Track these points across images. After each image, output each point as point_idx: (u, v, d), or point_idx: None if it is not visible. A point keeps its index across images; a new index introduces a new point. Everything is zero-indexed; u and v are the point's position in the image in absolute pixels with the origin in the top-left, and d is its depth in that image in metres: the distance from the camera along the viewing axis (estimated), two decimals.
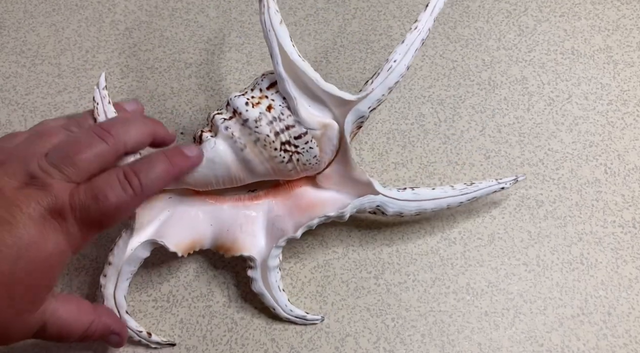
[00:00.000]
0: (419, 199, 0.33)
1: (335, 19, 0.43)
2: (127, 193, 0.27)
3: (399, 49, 0.31)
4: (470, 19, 0.43)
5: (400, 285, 0.35)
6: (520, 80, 0.41)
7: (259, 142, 0.30)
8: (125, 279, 0.31)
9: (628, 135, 0.39)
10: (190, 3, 0.44)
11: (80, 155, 0.26)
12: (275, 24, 0.30)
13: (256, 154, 0.31)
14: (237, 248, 0.32)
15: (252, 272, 0.33)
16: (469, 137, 0.39)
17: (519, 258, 0.36)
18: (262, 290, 0.33)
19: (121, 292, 0.31)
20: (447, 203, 0.33)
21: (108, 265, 0.31)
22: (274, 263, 0.32)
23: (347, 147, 0.32)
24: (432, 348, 0.33)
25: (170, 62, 0.42)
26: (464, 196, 0.33)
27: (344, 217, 0.32)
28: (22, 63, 0.41)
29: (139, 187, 0.27)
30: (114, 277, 0.31)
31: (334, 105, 0.32)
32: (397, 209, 0.33)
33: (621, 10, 0.43)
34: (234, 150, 0.31)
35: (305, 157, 0.31)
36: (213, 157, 0.31)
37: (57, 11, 0.43)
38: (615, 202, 0.37)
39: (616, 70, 0.41)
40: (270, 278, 0.32)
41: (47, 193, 0.25)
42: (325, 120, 0.31)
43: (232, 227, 0.33)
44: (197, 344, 0.33)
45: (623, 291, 0.35)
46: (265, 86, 0.32)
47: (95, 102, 0.30)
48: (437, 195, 0.33)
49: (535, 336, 0.34)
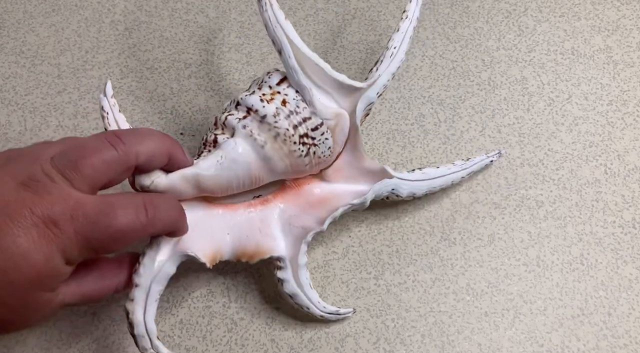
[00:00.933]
0: (428, 178, 0.34)
1: (335, 19, 0.43)
2: (140, 220, 0.25)
3: (396, 36, 0.33)
4: (470, 19, 0.43)
5: (400, 285, 0.35)
6: (520, 80, 0.41)
7: (279, 137, 0.30)
8: (154, 301, 0.29)
9: (628, 136, 0.39)
10: (190, 3, 0.44)
11: (86, 160, 0.24)
12: (281, 20, 0.31)
13: (276, 149, 0.30)
14: (263, 251, 0.31)
15: (283, 273, 0.31)
16: (469, 138, 0.39)
17: (519, 258, 0.36)
18: (296, 290, 0.31)
19: (151, 317, 0.28)
20: (451, 179, 0.35)
21: (135, 287, 0.28)
22: (303, 260, 0.31)
23: (358, 136, 0.32)
24: (432, 349, 0.33)
25: (170, 62, 0.42)
26: (464, 171, 0.36)
27: (366, 203, 0.32)
28: (21, 63, 0.41)
29: (153, 218, 0.25)
30: (143, 300, 0.28)
31: (342, 95, 0.32)
32: (410, 190, 0.34)
33: (621, 10, 0.43)
34: (254, 148, 0.30)
35: (321, 149, 0.31)
36: (235, 158, 0.30)
37: (56, 11, 0.43)
38: (615, 203, 0.37)
39: (616, 71, 0.41)
40: (301, 277, 0.31)
41: (43, 200, 0.23)
42: (338, 110, 0.32)
43: (252, 232, 0.31)
44: (197, 345, 0.33)
45: (623, 291, 0.35)
46: (275, 82, 0.32)
47: (105, 112, 0.29)
48: (442, 173, 0.35)
49: (535, 336, 0.34)
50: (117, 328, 0.34)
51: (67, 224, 0.23)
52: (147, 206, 0.25)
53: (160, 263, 0.29)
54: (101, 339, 0.34)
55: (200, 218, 0.31)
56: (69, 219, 0.23)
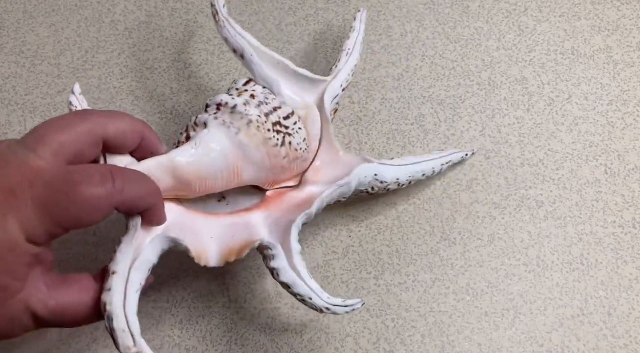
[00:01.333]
0: (408, 164, 0.35)
1: (335, 19, 0.43)
2: (106, 187, 0.23)
3: (348, 42, 0.36)
4: (470, 19, 0.43)
5: (401, 285, 0.35)
6: (520, 80, 0.41)
7: (252, 124, 0.30)
8: (135, 291, 0.25)
9: (628, 136, 0.39)
10: (190, 3, 0.44)
11: (51, 130, 0.23)
12: (239, 31, 0.33)
13: (251, 136, 0.30)
14: (251, 241, 0.29)
15: (275, 262, 0.29)
16: (469, 138, 0.39)
17: (519, 258, 0.36)
18: (293, 278, 0.29)
19: (132, 309, 0.25)
20: (432, 166, 0.36)
21: (112, 275, 0.25)
22: (296, 247, 0.29)
23: (331, 130, 0.33)
24: (432, 349, 0.33)
25: (170, 62, 0.42)
26: (443, 159, 0.36)
27: (351, 185, 0.32)
28: (21, 63, 0.41)
29: (121, 188, 0.24)
30: (121, 289, 0.25)
31: (308, 90, 0.34)
32: (394, 174, 0.34)
33: (621, 10, 0.43)
34: (229, 136, 0.30)
35: (296, 139, 0.31)
36: (210, 144, 0.29)
37: (56, 11, 0.43)
38: (616, 203, 0.37)
39: (616, 71, 0.41)
40: (297, 264, 0.29)
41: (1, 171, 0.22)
42: (306, 102, 0.33)
43: (237, 233, 0.30)
44: (197, 345, 0.33)
45: (623, 292, 0.35)
46: (242, 84, 0.33)
47: (73, 106, 0.30)
48: (421, 159, 0.36)
49: (535, 337, 0.34)
50: None
51: (25, 192, 0.22)
52: (115, 174, 0.24)
53: (139, 249, 0.26)
54: (101, 339, 0.34)
55: (182, 220, 0.29)
56: (27, 187, 0.22)
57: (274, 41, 0.42)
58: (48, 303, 0.23)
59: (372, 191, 0.34)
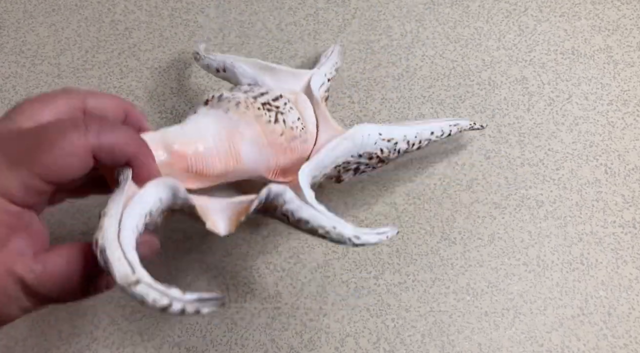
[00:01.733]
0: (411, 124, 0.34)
1: (335, 19, 0.43)
2: (79, 131, 0.22)
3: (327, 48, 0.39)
4: (470, 19, 0.43)
5: (400, 285, 0.35)
6: (520, 80, 0.41)
7: (240, 104, 0.30)
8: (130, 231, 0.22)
9: (628, 135, 0.39)
10: (190, 3, 0.44)
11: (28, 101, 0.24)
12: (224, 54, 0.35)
13: (241, 113, 0.30)
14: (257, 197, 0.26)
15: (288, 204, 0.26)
16: (469, 137, 0.39)
17: (519, 258, 0.36)
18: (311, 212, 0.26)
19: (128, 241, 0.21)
20: (440, 126, 0.35)
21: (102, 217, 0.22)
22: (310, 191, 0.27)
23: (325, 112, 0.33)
24: (432, 349, 0.33)
25: (170, 62, 0.42)
26: (451, 121, 0.35)
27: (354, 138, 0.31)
28: (21, 63, 0.41)
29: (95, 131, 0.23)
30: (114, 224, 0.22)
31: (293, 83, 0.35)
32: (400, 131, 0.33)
33: (621, 10, 0.43)
34: (218, 116, 0.30)
35: (289, 117, 0.31)
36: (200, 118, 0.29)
37: (56, 11, 0.43)
38: (616, 202, 0.37)
39: (616, 70, 0.41)
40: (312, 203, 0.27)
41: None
42: (292, 89, 0.34)
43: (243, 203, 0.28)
44: (197, 344, 0.33)
45: (623, 291, 0.35)
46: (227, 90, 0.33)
47: None
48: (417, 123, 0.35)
49: (535, 336, 0.34)
50: (117, 328, 0.34)
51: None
52: (89, 119, 0.23)
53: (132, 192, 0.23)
54: (101, 339, 0.34)
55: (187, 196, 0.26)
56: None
57: (274, 41, 0.42)
58: (35, 269, 0.22)
59: (381, 154, 0.32)
